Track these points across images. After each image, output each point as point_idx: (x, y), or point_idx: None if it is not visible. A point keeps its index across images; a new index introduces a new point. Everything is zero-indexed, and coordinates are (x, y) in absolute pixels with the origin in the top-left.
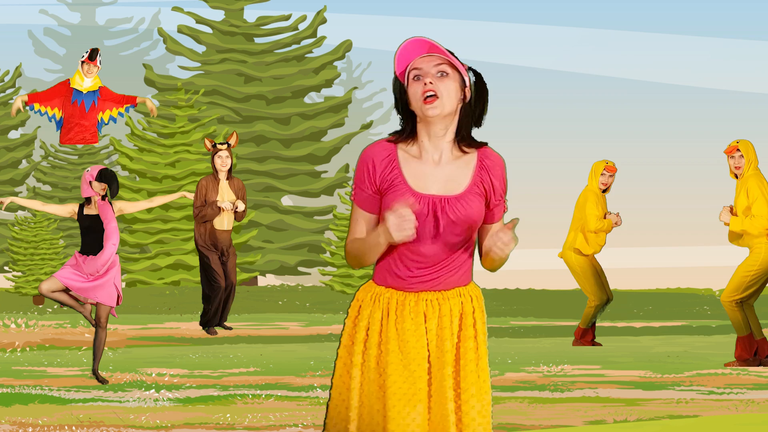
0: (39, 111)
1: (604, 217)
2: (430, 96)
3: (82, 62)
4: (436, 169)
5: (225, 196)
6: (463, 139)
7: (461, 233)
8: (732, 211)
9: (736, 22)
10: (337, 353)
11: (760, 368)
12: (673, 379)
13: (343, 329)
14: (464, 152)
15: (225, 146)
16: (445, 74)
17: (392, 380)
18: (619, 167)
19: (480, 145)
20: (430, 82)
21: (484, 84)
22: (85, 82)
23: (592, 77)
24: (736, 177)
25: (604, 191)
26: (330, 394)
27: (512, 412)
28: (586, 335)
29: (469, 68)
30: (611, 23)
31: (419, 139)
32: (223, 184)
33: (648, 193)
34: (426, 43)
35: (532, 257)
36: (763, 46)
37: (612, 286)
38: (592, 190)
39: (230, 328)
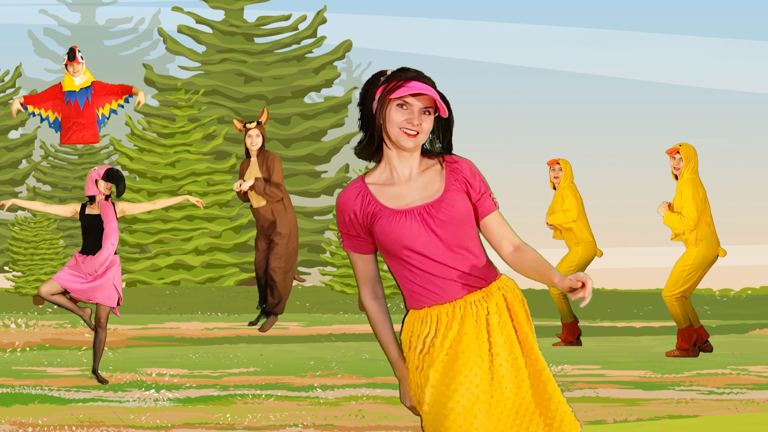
0: (33, 113)
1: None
2: (412, 133)
3: (66, 65)
4: (409, 184)
5: (253, 174)
6: (425, 152)
7: (460, 231)
8: (671, 207)
9: (736, 22)
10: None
11: (760, 368)
12: (673, 379)
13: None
14: (429, 163)
15: (254, 124)
16: (428, 112)
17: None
18: (619, 167)
19: (440, 154)
20: (418, 124)
21: (452, 113)
22: (76, 81)
23: (592, 77)
24: (676, 178)
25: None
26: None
27: None
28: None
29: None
30: (611, 23)
31: (387, 159)
32: (254, 161)
33: (648, 192)
34: (424, 89)
35: None
36: (763, 46)
37: (612, 286)
38: None
39: (274, 314)
